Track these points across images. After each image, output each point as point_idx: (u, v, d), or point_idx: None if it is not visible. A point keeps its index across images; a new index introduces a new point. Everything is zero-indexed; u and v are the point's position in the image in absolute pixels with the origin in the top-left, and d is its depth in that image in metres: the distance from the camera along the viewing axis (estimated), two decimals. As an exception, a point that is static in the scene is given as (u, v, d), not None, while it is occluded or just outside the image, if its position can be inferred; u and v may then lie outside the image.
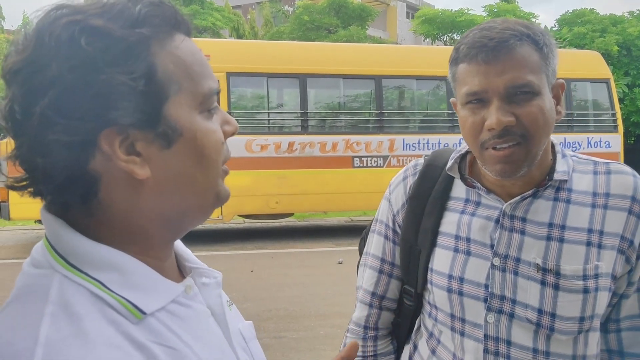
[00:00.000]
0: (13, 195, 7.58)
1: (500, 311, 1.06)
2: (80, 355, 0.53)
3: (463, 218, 1.11)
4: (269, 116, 8.96)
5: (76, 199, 0.61)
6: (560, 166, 1.07)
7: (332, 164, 8.60)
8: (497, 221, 1.07)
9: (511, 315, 1.05)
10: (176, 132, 0.62)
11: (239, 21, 22.67)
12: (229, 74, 8.25)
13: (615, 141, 9.60)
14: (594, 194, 1.06)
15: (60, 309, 0.56)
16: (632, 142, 16.58)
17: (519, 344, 1.05)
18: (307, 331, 4.56)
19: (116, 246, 0.62)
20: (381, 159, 8.79)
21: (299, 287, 5.89)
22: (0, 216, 7.95)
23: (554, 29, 19.35)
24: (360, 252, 1.38)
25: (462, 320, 1.09)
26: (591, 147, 9.45)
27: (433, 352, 1.16)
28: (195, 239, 8.67)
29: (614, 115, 9.75)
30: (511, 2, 21.19)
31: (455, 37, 21.09)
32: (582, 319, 1.03)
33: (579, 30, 17.48)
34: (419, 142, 8.91)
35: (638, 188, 1.05)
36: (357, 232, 10.87)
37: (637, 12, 19.27)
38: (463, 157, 1.16)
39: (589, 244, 1.03)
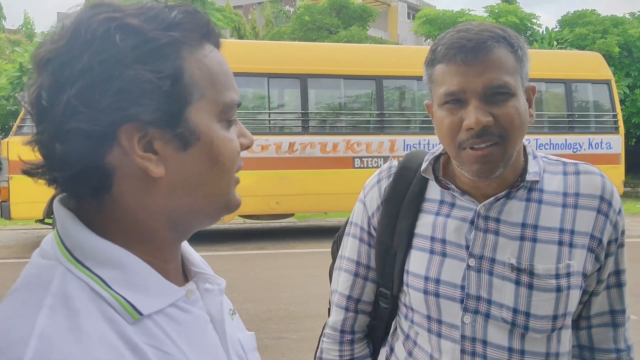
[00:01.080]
0: (14, 195, 7.58)
1: (476, 311, 1.07)
2: (73, 350, 0.54)
3: (438, 219, 1.12)
4: (269, 116, 8.96)
5: (89, 191, 0.62)
6: (532, 167, 1.09)
7: (333, 164, 8.60)
8: (471, 222, 1.08)
9: (487, 316, 1.06)
10: (194, 136, 0.63)
11: (240, 21, 22.68)
12: (230, 74, 8.24)
13: (616, 142, 9.59)
14: (565, 194, 1.08)
15: (59, 302, 0.57)
16: (633, 143, 16.57)
17: (495, 343, 1.06)
18: (308, 332, 4.53)
19: (122, 244, 0.63)
20: (382, 159, 8.78)
21: (299, 288, 5.88)
22: (1, 216, 7.95)
23: (555, 29, 19.35)
24: (333, 255, 1.38)
25: (439, 322, 1.10)
26: (592, 148, 9.44)
27: (410, 354, 1.16)
28: (196, 238, 8.60)
29: (615, 116, 9.74)
30: (512, 2, 21.18)
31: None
32: (555, 317, 1.05)
33: (580, 31, 17.48)
34: (419, 143, 8.91)
35: (606, 188, 1.08)
36: (357, 232, 10.85)
37: (638, 13, 19.27)
38: (437, 158, 1.17)
39: (560, 243, 1.05)
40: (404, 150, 8.84)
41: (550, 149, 9.22)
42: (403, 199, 1.16)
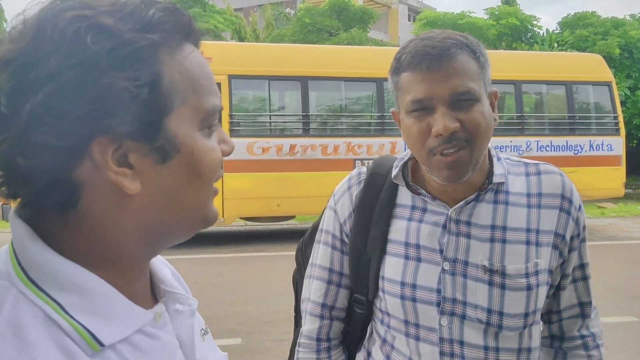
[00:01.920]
0: (15, 198, 7.58)
1: (452, 314, 1.09)
2: None
3: (411, 225, 1.13)
4: (270, 119, 8.96)
5: (53, 207, 0.56)
6: (497, 169, 1.11)
7: (334, 166, 8.59)
8: (444, 226, 1.11)
9: (463, 317, 1.09)
10: (174, 148, 0.58)
11: (241, 24, 22.70)
12: (231, 77, 8.25)
13: (617, 144, 9.59)
14: (528, 195, 1.12)
15: (10, 331, 0.51)
16: (634, 144, 16.56)
17: (472, 343, 1.09)
18: (308, 334, 4.54)
19: (85, 264, 0.57)
20: (383, 161, 8.77)
21: (300, 290, 5.87)
22: (2, 218, 7.95)
23: (555, 31, 19.34)
24: (298, 262, 1.40)
25: (417, 326, 1.11)
26: (593, 150, 9.43)
27: (387, 357, 1.17)
28: (196, 241, 8.66)
29: (616, 118, 9.73)
30: (512, 4, 21.20)
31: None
32: (526, 315, 1.09)
33: (581, 33, 17.48)
34: (420, 145, 8.90)
35: (565, 186, 1.13)
36: (358, 234, 10.75)
37: (639, 14, 19.26)
38: (405, 164, 1.19)
39: (528, 243, 1.09)
40: (404, 152, 8.83)
41: (551, 151, 9.22)
42: (375, 206, 1.18)
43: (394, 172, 1.16)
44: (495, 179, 1.10)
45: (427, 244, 1.11)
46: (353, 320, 1.24)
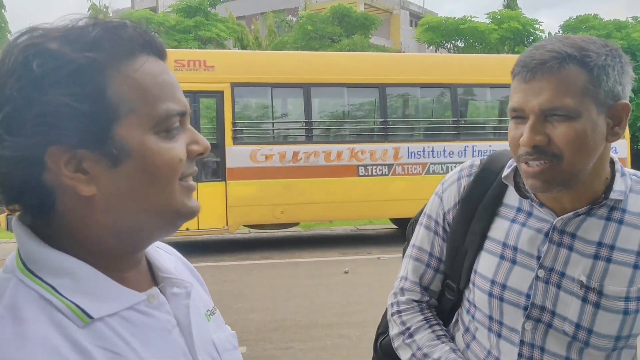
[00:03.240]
0: (19, 208, 7.61)
1: (538, 320, 1.08)
2: (13, 353, 0.57)
3: (513, 227, 1.13)
4: (273, 126, 8.97)
5: (33, 209, 0.65)
6: (618, 185, 1.06)
7: (337, 172, 8.60)
8: (546, 234, 1.08)
9: (549, 326, 1.07)
10: (124, 152, 0.63)
11: (243, 32, 22.77)
12: (233, 85, 8.28)
13: (622, 147, 9.54)
14: None
15: (8, 311, 0.60)
16: (639, 147, 16.50)
17: (553, 352, 1.08)
18: (314, 341, 4.53)
19: (75, 254, 0.65)
20: (386, 167, 8.77)
21: (305, 297, 5.86)
22: (7, 229, 7.98)
23: (558, 35, 19.32)
24: (408, 238, 1.41)
25: (500, 323, 1.13)
26: (597, 152, 9.40)
27: (467, 346, 1.20)
28: (201, 249, 8.66)
29: (619, 120, 9.71)
30: (514, 8, 21.22)
31: (459, 45, 21.10)
32: (618, 338, 1.04)
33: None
34: (423, 150, 8.89)
35: None
36: (363, 241, 10.62)
37: (641, 17, 19.23)
38: None
39: (635, 266, 1.03)
40: (408, 157, 8.83)
41: (555, 154, 9.21)
42: (481, 201, 1.19)
43: (506, 171, 1.15)
44: (613, 195, 1.04)
45: (525, 248, 1.10)
46: (442, 304, 1.28)
